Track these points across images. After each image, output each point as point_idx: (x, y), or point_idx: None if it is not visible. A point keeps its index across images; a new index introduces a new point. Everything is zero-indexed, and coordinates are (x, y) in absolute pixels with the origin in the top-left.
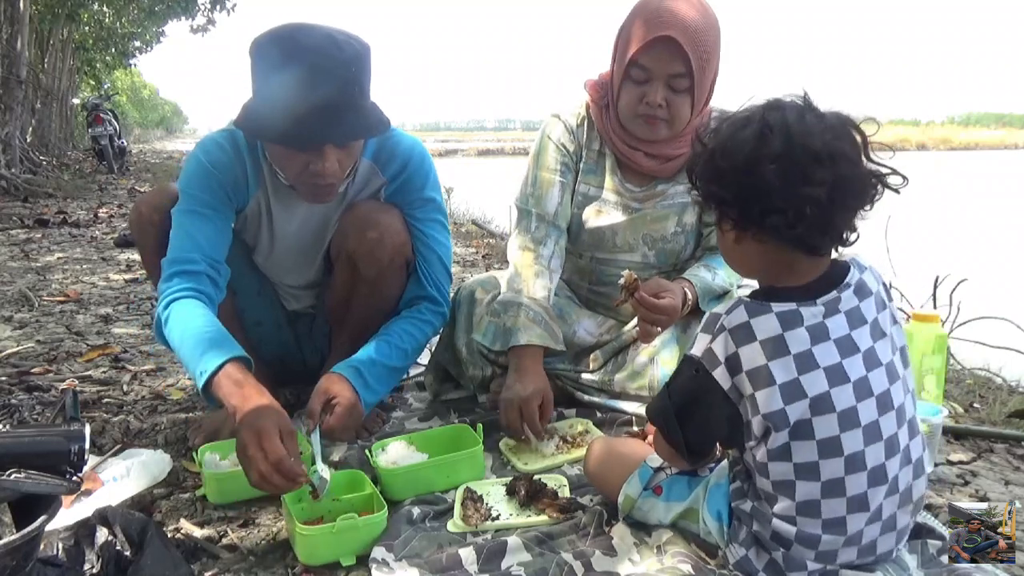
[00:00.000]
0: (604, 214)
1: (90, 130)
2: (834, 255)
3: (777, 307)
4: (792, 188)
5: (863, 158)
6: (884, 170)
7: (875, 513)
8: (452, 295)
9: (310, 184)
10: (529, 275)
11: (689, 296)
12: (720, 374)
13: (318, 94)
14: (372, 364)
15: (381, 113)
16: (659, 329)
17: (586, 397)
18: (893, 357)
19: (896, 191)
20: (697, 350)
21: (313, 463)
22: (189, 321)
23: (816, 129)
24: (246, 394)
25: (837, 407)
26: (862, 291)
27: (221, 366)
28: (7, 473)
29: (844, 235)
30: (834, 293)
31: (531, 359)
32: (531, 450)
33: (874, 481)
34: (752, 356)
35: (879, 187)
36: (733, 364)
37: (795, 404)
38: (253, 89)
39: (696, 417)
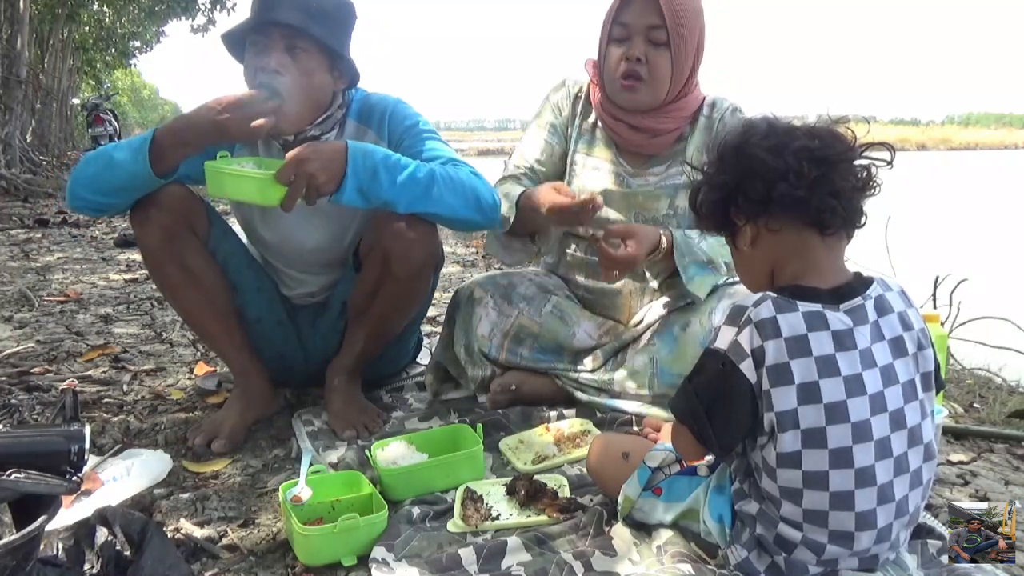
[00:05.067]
0: (597, 180)
1: (90, 130)
2: (858, 269)
3: (803, 306)
4: (781, 151)
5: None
6: (871, 151)
7: (884, 532)
8: (451, 296)
9: (263, 83)
10: (514, 188)
11: (664, 243)
12: (747, 367)
13: None
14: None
15: (352, 63)
16: (617, 273)
17: (586, 397)
18: (913, 377)
19: (889, 164)
20: (722, 343)
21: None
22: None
23: (796, 123)
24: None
25: (852, 418)
26: (883, 307)
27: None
28: (7, 473)
29: (851, 205)
30: (859, 300)
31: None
32: (530, 450)
33: (882, 499)
34: (776, 352)
35: (869, 164)
36: (758, 358)
37: (808, 407)
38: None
39: (724, 413)
